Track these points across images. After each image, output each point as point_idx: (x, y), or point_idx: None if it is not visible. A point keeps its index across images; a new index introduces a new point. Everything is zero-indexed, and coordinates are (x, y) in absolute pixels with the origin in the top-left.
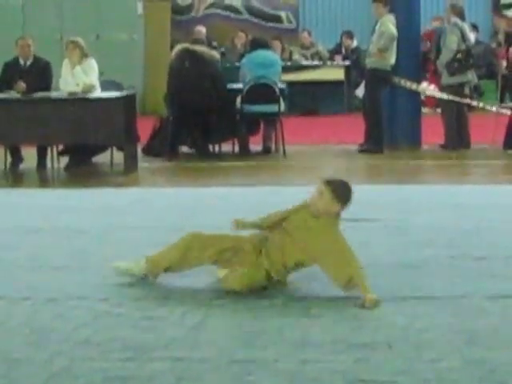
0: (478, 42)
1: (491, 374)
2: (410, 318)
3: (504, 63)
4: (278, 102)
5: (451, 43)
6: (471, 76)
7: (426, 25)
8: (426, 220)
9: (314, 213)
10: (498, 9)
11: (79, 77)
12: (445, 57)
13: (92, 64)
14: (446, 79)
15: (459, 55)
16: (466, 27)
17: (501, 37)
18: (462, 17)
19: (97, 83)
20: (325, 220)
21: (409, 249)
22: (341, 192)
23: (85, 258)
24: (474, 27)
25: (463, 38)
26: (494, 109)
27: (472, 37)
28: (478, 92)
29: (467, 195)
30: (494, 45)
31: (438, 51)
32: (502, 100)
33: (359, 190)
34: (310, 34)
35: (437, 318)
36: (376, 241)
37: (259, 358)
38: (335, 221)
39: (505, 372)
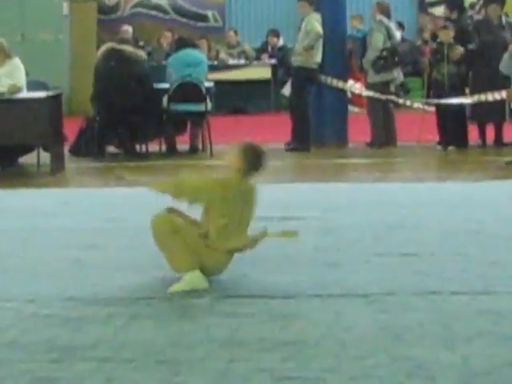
0: (403, 39)
1: (418, 369)
2: (336, 316)
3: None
4: (204, 101)
5: (377, 41)
6: (397, 74)
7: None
8: (351, 218)
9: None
10: (423, 7)
11: (3, 79)
12: (371, 55)
13: (17, 64)
14: (371, 77)
15: (385, 53)
16: (392, 25)
17: (426, 35)
18: (388, 15)
19: (23, 84)
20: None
21: (334, 247)
22: (248, 151)
23: (10, 259)
24: (400, 25)
25: (389, 36)
26: (419, 106)
27: (398, 34)
28: (404, 90)
29: (393, 193)
30: (419, 42)
31: (364, 49)
32: (427, 97)
33: (286, 189)
34: (236, 33)
35: (363, 315)
36: (301, 239)
37: (187, 357)
38: (236, 175)
39: (431, 368)
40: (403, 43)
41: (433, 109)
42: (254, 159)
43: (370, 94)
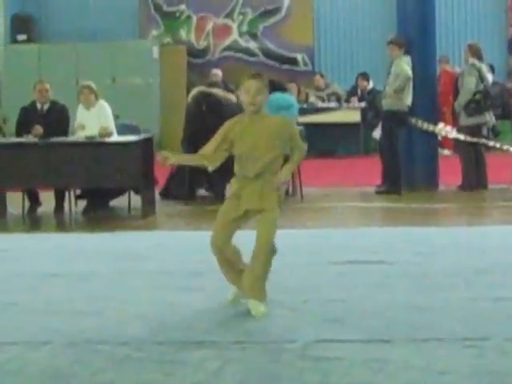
0: (494, 82)
1: None
2: (430, 360)
3: None
4: None
5: (469, 84)
6: (489, 117)
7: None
8: (443, 262)
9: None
10: None
11: (94, 120)
12: (463, 98)
13: (104, 106)
14: (463, 120)
15: (477, 96)
16: (484, 68)
17: None
18: (479, 57)
19: (113, 127)
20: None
21: (427, 291)
22: (265, 81)
23: (102, 302)
24: (491, 67)
25: (481, 78)
26: (510, 149)
27: (490, 77)
28: (494, 132)
29: (485, 237)
30: (510, 85)
31: (457, 92)
32: None
33: (377, 233)
34: (322, 76)
35: (457, 360)
36: (393, 283)
37: None
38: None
39: None
40: (494, 86)
41: None
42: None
43: (462, 137)
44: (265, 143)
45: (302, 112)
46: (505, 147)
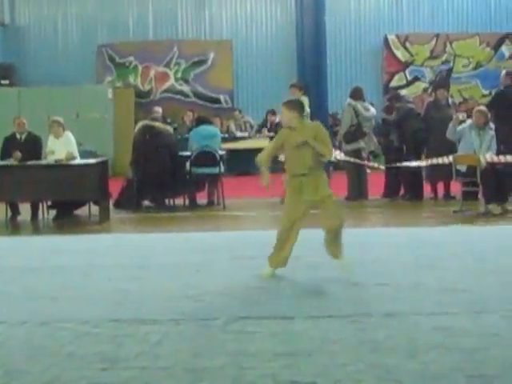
0: (374, 116)
1: (388, 374)
2: (324, 332)
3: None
4: (218, 165)
5: (346, 118)
6: (364, 143)
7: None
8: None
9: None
10: (388, 90)
11: (62, 147)
12: (342, 129)
13: (70, 136)
14: (344, 146)
15: (352, 128)
16: (359, 105)
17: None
18: (359, 97)
19: (76, 152)
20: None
21: (320, 278)
22: (293, 104)
23: (69, 289)
24: (372, 104)
25: (356, 114)
26: (381, 167)
27: (372, 112)
28: (374, 155)
29: (367, 236)
30: (383, 116)
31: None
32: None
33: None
34: (240, 111)
35: (346, 332)
36: (297, 273)
37: (208, 366)
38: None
39: (398, 373)
40: (374, 119)
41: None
42: (300, 105)
43: (346, 158)
44: (303, 145)
45: (224, 140)
46: (377, 166)
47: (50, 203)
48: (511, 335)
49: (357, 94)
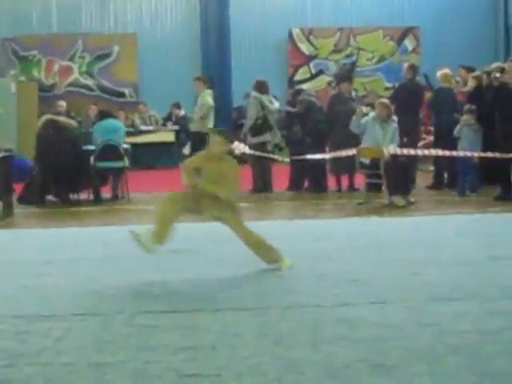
0: (279, 110)
1: (292, 366)
2: (225, 325)
3: None
4: (123, 159)
5: (252, 112)
6: (270, 136)
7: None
8: (235, 248)
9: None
10: (292, 83)
11: None
12: (248, 122)
13: None
14: (250, 139)
15: (258, 121)
16: (265, 98)
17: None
18: (263, 91)
19: None
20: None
21: (222, 271)
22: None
23: None
24: (275, 97)
25: (262, 107)
26: (285, 160)
27: (276, 105)
28: (278, 148)
29: (268, 228)
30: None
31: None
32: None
33: (184, 227)
34: (145, 104)
35: (248, 325)
36: (203, 267)
37: (111, 361)
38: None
39: (302, 364)
40: (279, 111)
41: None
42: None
43: (251, 152)
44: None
45: (129, 134)
46: (280, 158)
47: None
48: (412, 325)
49: (262, 87)
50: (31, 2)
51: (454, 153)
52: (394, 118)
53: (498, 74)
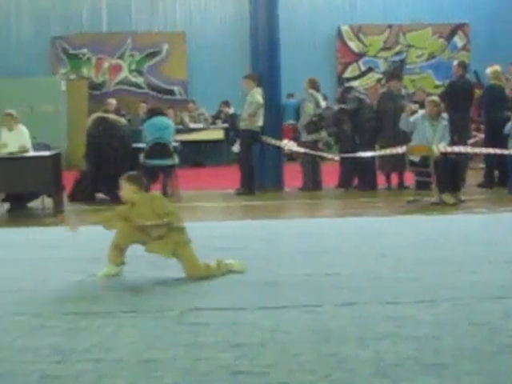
0: (327, 107)
1: (341, 363)
2: (277, 323)
3: None
4: (172, 156)
5: (308, 109)
6: (323, 134)
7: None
8: (287, 246)
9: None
10: (341, 81)
11: (13, 141)
12: (304, 119)
13: (23, 129)
14: (304, 137)
15: (314, 118)
16: (319, 96)
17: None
18: (316, 88)
19: (30, 145)
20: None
21: (273, 268)
22: (133, 178)
23: (22, 282)
24: (324, 96)
25: (317, 105)
26: (335, 158)
27: (323, 104)
28: (328, 146)
29: (321, 226)
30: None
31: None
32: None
33: (234, 225)
34: (194, 102)
35: (298, 322)
36: (248, 264)
37: (161, 358)
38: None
39: (351, 362)
40: (327, 110)
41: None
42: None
43: (302, 150)
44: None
45: (178, 132)
46: (332, 156)
47: (3, 196)
48: (462, 324)
49: (316, 85)
50: (81, 0)
51: (505, 151)
52: (444, 115)
53: None
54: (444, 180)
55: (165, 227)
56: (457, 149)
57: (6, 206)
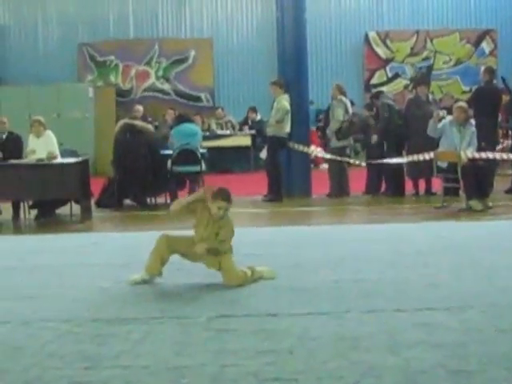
0: (353, 113)
1: (369, 370)
2: (304, 329)
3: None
4: (199, 163)
5: (338, 115)
6: (352, 140)
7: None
8: (314, 252)
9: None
10: (368, 87)
11: (41, 147)
12: (334, 126)
13: (51, 135)
14: (334, 143)
15: (344, 124)
16: (349, 102)
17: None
18: (344, 94)
19: (57, 152)
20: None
21: (300, 275)
22: (228, 199)
23: (49, 288)
24: (352, 102)
25: (346, 110)
26: (362, 164)
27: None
28: (355, 152)
29: (347, 232)
30: (365, 114)
31: (327, 121)
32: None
33: (262, 231)
34: (222, 109)
35: (325, 328)
36: (276, 271)
37: (189, 364)
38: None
39: (380, 369)
40: (354, 116)
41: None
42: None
43: (329, 156)
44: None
45: (205, 138)
46: (361, 163)
47: (31, 203)
48: (491, 331)
49: (343, 91)
50: (108, 7)
51: None
52: (472, 121)
53: None
54: (472, 186)
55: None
56: (484, 155)
57: (34, 212)
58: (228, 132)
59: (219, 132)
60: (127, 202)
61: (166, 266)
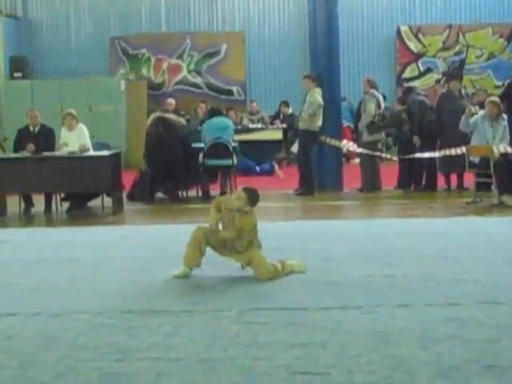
0: (385, 107)
1: (401, 365)
2: (336, 323)
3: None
4: (231, 157)
5: (370, 109)
6: (383, 134)
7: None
8: (346, 246)
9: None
10: (400, 81)
11: (75, 139)
12: (365, 120)
13: (83, 128)
14: (366, 137)
15: (376, 118)
16: (381, 96)
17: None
18: (376, 88)
19: (89, 144)
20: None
21: (332, 269)
22: (252, 198)
23: (82, 281)
24: (383, 96)
25: (378, 104)
26: (394, 158)
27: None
28: (387, 146)
29: (380, 227)
30: (398, 108)
31: (359, 115)
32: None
33: (294, 225)
34: (257, 103)
35: (357, 323)
36: (308, 264)
37: (220, 357)
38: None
39: (411, 364)
40: (386, 110)
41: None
42: (257, 201)
43: (361, 150)
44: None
45: (237, 132)
46: (393, 157)
47: (63, 195)
48: None
49: (374, 85)
50: (141, 1)
51: None
52: (504, 116)
53: None
54: (504, 181)
55: (246, 242)
56: None
57: (66, 205)
58: (260, 126)
59: (251, 126)
60: (159, 195)
61: None
